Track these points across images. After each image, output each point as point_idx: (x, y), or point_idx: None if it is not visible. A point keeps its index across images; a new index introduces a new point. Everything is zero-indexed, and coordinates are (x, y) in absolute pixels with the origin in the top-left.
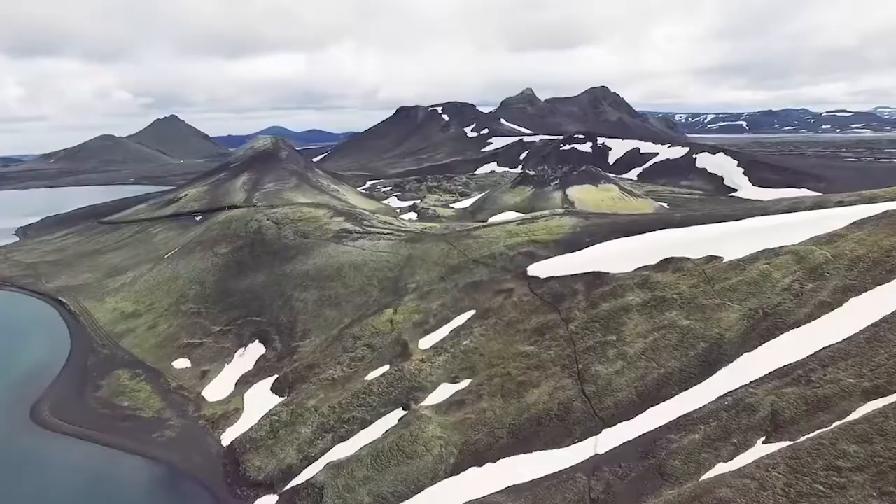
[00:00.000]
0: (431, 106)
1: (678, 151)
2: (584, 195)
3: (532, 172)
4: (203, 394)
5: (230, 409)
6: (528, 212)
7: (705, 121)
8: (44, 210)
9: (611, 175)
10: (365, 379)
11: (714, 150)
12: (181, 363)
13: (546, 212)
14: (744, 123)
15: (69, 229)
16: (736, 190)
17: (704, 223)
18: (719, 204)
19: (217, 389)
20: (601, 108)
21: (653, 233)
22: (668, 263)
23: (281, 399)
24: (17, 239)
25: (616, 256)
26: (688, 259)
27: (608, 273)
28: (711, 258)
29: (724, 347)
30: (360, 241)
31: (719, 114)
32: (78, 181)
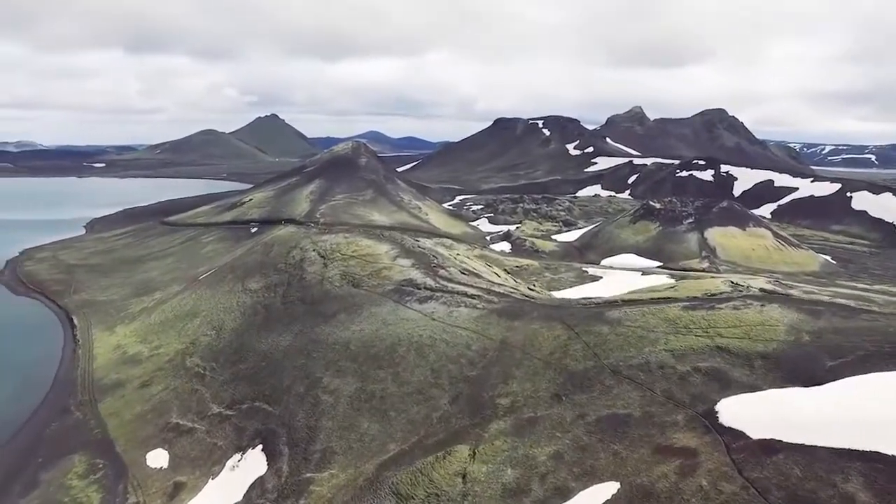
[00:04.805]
0: (531, 119)
1: (826, 188)
2: (729, 241)
3: (657, 205)
4: None
5: None
6: (653, 255)
7: (823, 152)
8: (123, 202)
9: (759, 215)
10: None
11: (877, 188)
12: (157, 458)
13: (720, 285)
14: (872, 157)
15: (128, 227)
16: None
17: None
18: None
19: None
20: (716, 132)
21: None
22: None
23: None
24: (83, 232)
25: None
26: None
27: None
28: None
29: None
30: (431, 305)
31: (839, 145)
32: (176, 173)
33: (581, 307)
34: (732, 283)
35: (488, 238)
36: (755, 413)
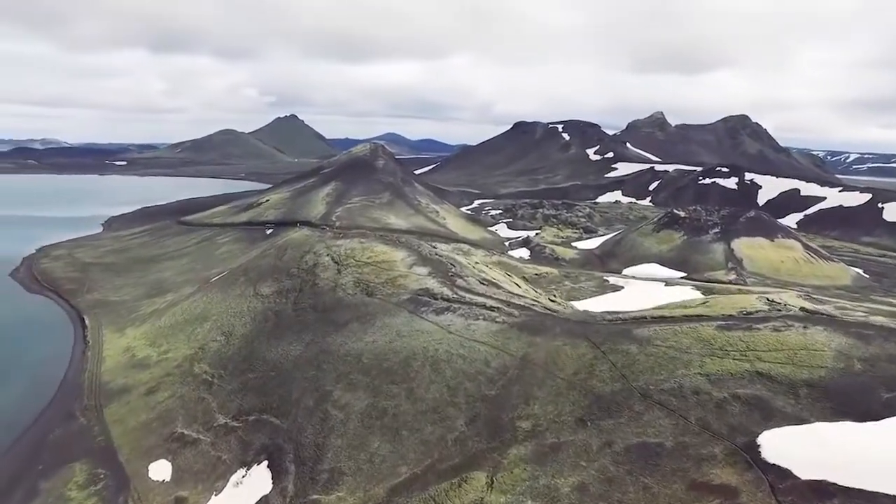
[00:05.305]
0: (551, 123)
1: (856, 198)
2: (757, 252)
3: (682, 213)
4: None
5: None
6: (677, 266)
7: (847, 160)
8: (142, 200)
9: (788, 226)
10: None
11: None
12: (159, 470)
13: (756, 302)
14: None
15: (145, 226)
16: None
17: None
18: None
19: None
20: (739, 139)
21: None
22: None
23: None
24: (100, 230)
25: None
26: None
27: None
28: None
29: None
30: (447, 316)
31: (865, 153)
32: (195, 172)
33: (607, 323)
34: (769, 300)
35: (507, 244)
36: (803, 449)
